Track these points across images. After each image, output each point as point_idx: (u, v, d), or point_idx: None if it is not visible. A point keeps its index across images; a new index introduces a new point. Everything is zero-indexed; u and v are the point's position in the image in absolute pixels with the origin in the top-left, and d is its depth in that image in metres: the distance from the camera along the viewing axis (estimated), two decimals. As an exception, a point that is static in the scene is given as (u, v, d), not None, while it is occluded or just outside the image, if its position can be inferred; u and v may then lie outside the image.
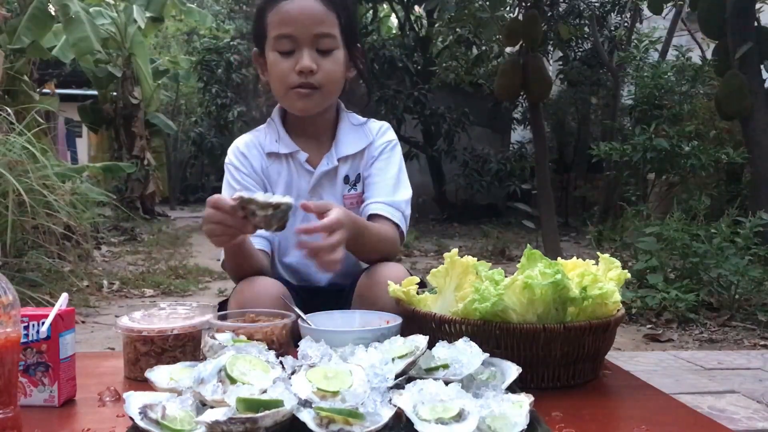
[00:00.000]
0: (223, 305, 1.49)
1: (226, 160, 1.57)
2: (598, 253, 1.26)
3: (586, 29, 8.37)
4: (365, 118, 1.62)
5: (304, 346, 1.01)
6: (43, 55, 7.15)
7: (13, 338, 0.88)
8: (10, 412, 0.87)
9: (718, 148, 5.36)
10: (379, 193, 1.52)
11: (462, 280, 1.20)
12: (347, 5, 1.52)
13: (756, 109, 4.82)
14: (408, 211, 1.53)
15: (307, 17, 1.43)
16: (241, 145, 1.56)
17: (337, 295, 1.51)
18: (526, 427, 0.83)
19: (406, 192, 1.54)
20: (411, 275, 1.32)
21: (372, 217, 1.48)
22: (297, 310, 1.25)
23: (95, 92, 10.56)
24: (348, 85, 1.57)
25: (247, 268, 1.41)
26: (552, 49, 8.62)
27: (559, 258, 1.18)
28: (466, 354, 1.00)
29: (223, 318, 1.23)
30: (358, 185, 1.56)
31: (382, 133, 1.60)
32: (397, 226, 1.49)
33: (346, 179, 1.56)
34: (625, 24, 8.42)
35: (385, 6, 10.20)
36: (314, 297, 1.50)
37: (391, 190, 1.52)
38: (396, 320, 1.19)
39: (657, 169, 5.60)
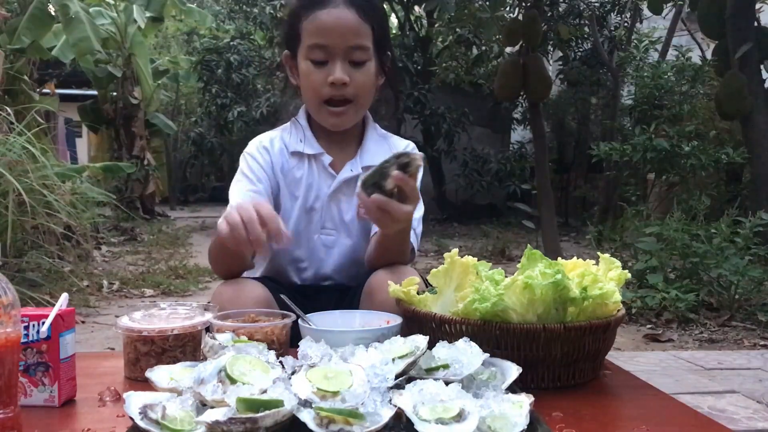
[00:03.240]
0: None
1: (246, 151, 1.56)
2: (598, 253, 1.26)
3: (586, 29, 8.37)
4: (388, 133, 1.63)
5: (304, 346, 1.01)
6: (43, 55, 7.15)
7: (13, 338, 0.88)
8: (10, 412, 0.87)
9: (718, 148, 5.36)
10: None
11: (462, 280, 1.20)
12: (381, 16, 1.52)
13: (756, 109, 4.82)
14: (419, 229, 1.53)
15: (343, 29, 1.42)
16: (266, 140, 1.57)
17: (341, 294, 1.50)
18: (526, 427, 0.83)
19: (419, 210, 1.52)
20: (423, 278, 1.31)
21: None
22: (297, 309, 1.25)
23: (95, 92, 10.55)
24: (378, 94, 1.57)
25: (239, 263, 1.44)
26: (552, 49, 8.64)
27: (559, 258, 1.18)
28: (466, 354, 1.00)
29: (222, 318, 1.22)
30: None
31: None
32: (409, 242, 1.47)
33: None
34: (625, 24, 8.42)
35: (385, 6, 10.20)
36: (318, 295, 1.50)
37: None
38: (396, 320, 1.19)
39: (657, 169, 5.60)
